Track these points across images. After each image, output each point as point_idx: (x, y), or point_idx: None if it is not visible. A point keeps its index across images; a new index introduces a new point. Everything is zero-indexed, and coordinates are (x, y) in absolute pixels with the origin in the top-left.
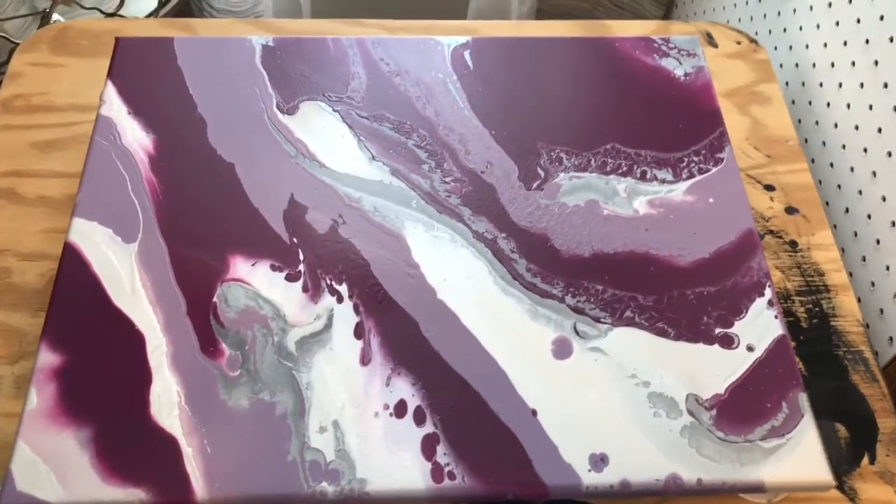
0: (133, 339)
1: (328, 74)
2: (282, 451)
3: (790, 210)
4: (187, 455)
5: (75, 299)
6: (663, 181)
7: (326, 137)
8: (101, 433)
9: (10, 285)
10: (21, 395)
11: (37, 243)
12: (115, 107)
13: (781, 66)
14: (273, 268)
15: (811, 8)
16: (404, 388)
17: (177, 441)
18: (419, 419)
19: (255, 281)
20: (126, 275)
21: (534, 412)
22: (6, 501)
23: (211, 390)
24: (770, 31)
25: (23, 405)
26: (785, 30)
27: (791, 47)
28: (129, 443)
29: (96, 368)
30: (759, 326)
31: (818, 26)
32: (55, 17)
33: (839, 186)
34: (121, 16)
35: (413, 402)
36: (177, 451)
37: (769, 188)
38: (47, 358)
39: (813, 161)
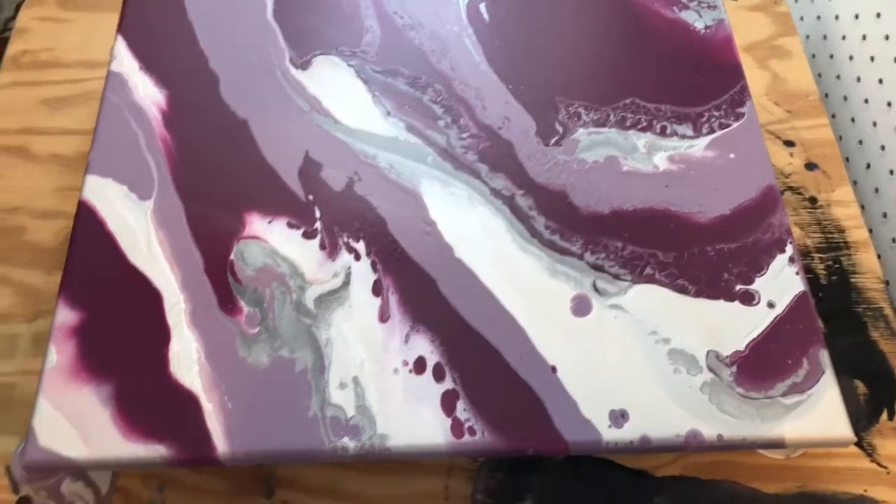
0: (151, 297)
1: (341, 28)
2: (302, 407)
3: (810, 166)
4: (208, 411)
5: (91, 257)
6: (683, 136)
7: (340, 93)
8: (121, 390)
9: (25, 243)
10: (39, 353)
11: (51, 201)
12: (125, 62)
13: (802, 18)
14: (289, 225)
15: None
16: (423, 345)
17: (197, 397)
18: (438, 375)
19: (272, 238)
20: (142, 232)
21: (553, 368)
22: (29, 458)
23: (230, 347)
24: None
25: (42, 363)
26: None
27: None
28: (149, 399)
29: (115, 326)
30: (780, 283)
31: None
32: None
33: (860, 142)
34: None
35: (432, 358)
36: (197, 408)
37: (789, 144)
38: (65, 315)
39: (834, 116)
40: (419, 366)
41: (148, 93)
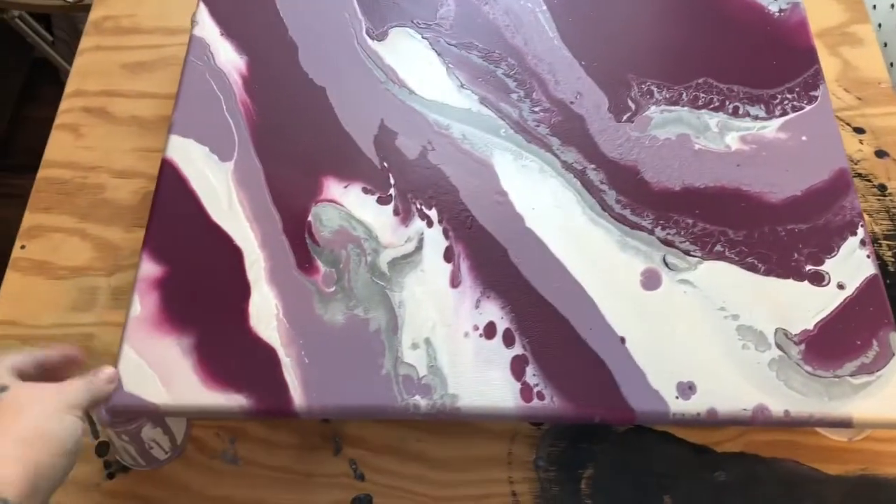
0: (231, 254)
1: (416, 1)
2: (376, 365)
3: (880, 153)
4: (285, 364)
5: (174, 213)
6: (756, 118)
7: (415, 64)
8: (202, 341)
9: (104, 201)
10: (118, 306)
11: (129, 161)
12: (207, 28)
13: (875, 7)
14: (365, 191)
15: None
16: (493, 311)
17: (275, 351)
18: (508, 341)
19: (348, 202)
20: (223, 192)
21: (622, 339)
22: (114, 402)
23: (307, 305)
24: None
25: (126, 313)
26: None
27: None
28: (229, 351)
29: (196, 280)
30: (851, 265)
31: None
32: None
33: None
34: None
35: (502, 324)
36: (275, 361)
37: (859, 131)
38: (149, 268)
39: None
40: (489, 330)
41: (229, 58)
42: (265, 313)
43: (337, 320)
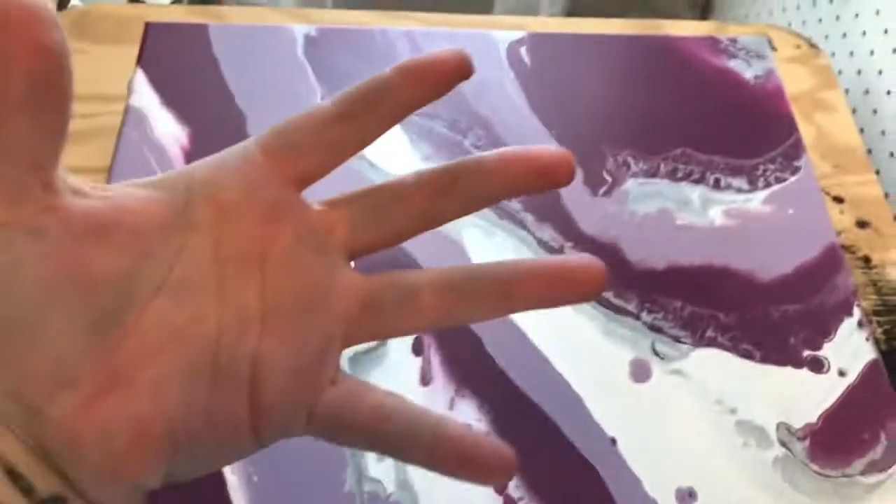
0: None
1: (376, 68)
2: (338, 482)
3: (861, 224)
4: (231, 485)
5: None
6: (739, 190)
7: None
8: None
9: None
10: None
11: None
12: (145, 96)
13: (840, 72)
14: None
15: (877, 12)
16: (470, 412)
17: (220, 470)
18: None
19: None
20: None
21: (613, 441)
22: None
23: None
24: (826, 37)
25: None
26: (844, 35)
27: (852, 53)
28: None
29: None
30: (850, 349)
31: (886, 31)
32: (74, 1)
33: None
34: (143, 1)
35: (480, 427)
36: (220, 481)
37: (838, 200)
38: None
39: (878, 173)
40: None
41: (169, 129)
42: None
43: None
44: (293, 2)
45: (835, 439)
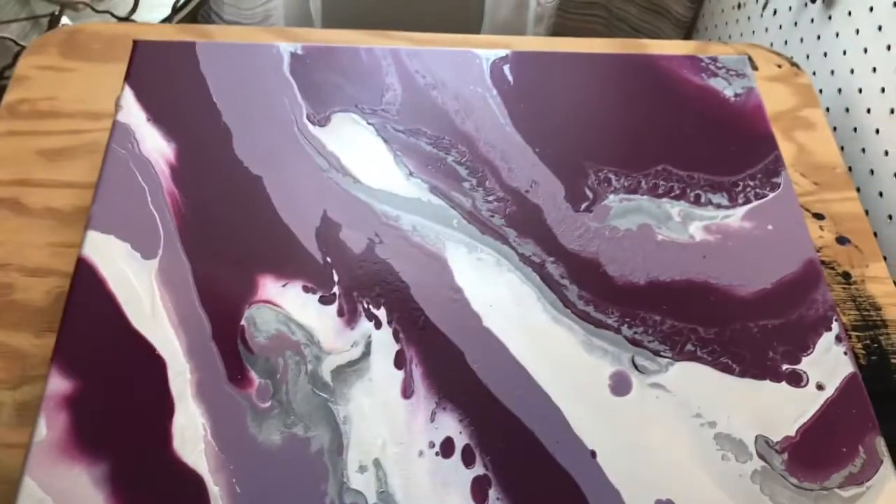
0: (154, 365)
1: (361, 85)
2: (318, 493)
3: (842, 240)
4: (214, 495)
5: (89, 319)
6: (719, 206)
7: (360, 151)
8: (117, 469)
9: (13, 303)
10: (23, 424)
11: (43, 258)
12: (133, 113)
13: (821, 91)
14: (305, 289)
15: (857, 32)
16: (451, 425)
17: (202, 479)
18: (468, 459)
19: (287, 303)
20: (145, 294)
21: (593, 454)
22: None
23: (239, 423)
24: (808, 56)
25: (29, 435)
26: (825, 54)
27: (833, 72)
28: (148, 480)
29: (113, 397)
30: (829, 363)
31: (865, 50)
32: (64, 20)
33: (890, 217)
34: (133, 20)
35: (461, 440)
36: (202, 491)
37: (818, 217)
38: (58, 384)
39: (858, 190)
40: (447, 448)
41: (156, 145)
42: (191, 434)
43: (273, 440)
44: (283, 21)
45: (813, 452)
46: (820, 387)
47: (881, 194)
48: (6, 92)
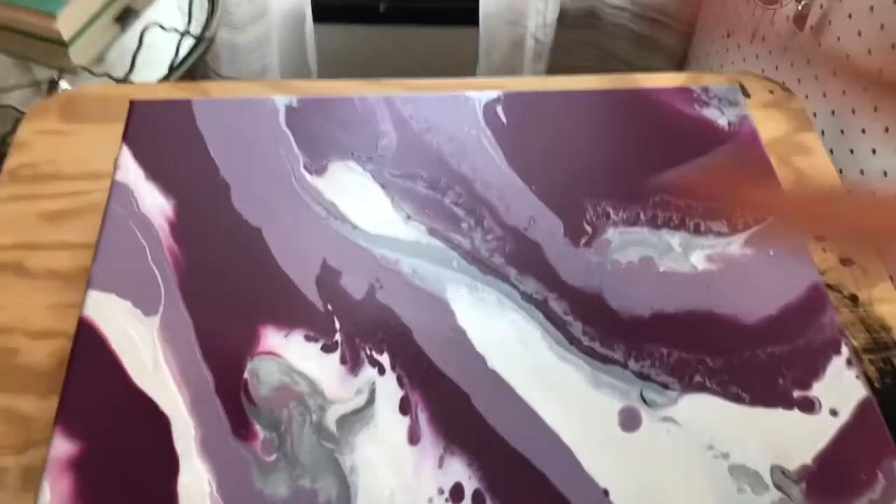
0: (157, 423)
1: (356, 133)
2: None
3: (846, 262)
4: None
5: (92, 379)
6: (719, 234)
7: (358, 198)
8: None
9: (17, 367)
10: (29, 489)
11: (47, 320)
12: (131, 171)
13: (815, 114)
14: (307, 338)
15: (847, 57)
16: (460, 470)
17: None
18: None
19: (289, 353)
20: (147, 351)
21: (605, 492)
22: None
23: (245, 478)
24: (799, 80)
25: (34, 502)
26: (816, 77)
27: (825, 94)
28: None
29: (117, 457)
30: (841, 388)
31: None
32: (63, 85)
33: None
34: (130, 81)
35: (470, 485)
36: None
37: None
38: (62, 446)
39: None
40: (456, 494)
41: (155, 203)
42: (196, 492)
43: (280, 493)
44: (280, 73)
45: (832, 481)
46: (833, 412)
47: None
48: (7, 157)
